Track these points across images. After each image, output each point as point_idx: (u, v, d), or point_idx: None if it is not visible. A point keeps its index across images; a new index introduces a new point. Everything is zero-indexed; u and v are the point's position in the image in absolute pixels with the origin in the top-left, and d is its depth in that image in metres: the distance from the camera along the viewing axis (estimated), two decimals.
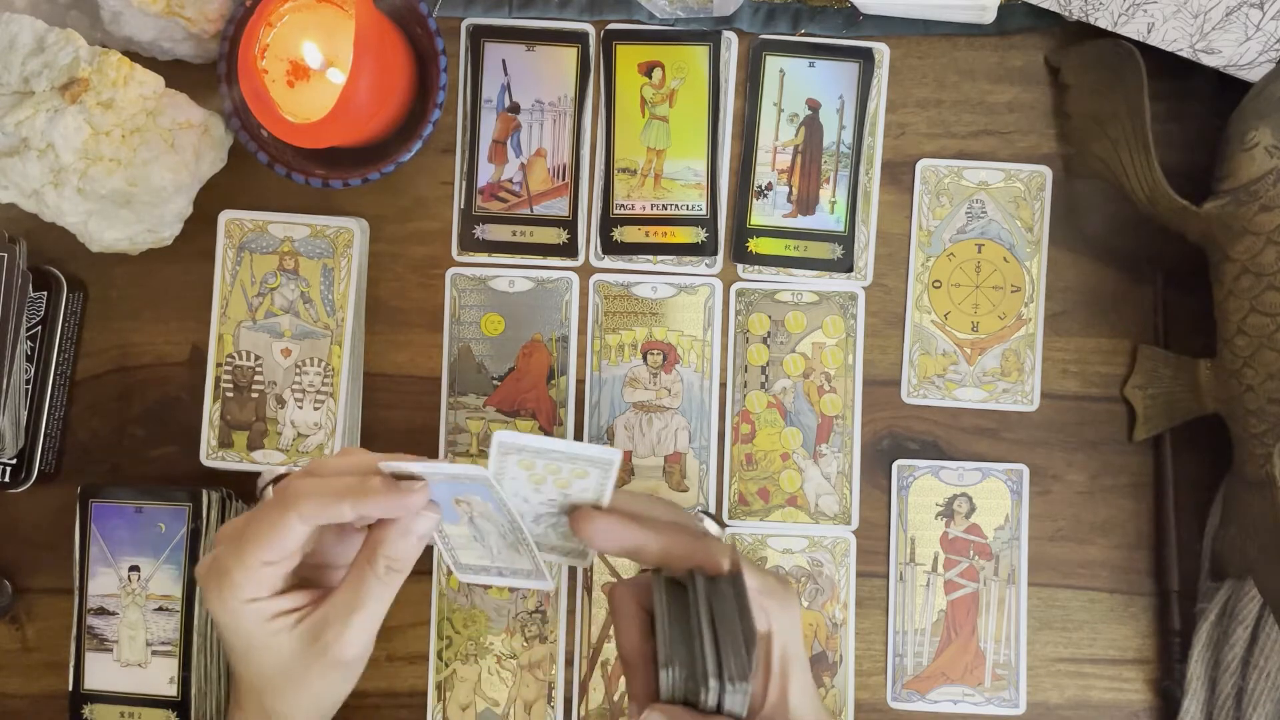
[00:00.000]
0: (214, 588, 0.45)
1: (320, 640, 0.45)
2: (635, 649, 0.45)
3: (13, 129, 0.55)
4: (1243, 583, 0.58)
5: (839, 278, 0.63)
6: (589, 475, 0.44)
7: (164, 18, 0.58)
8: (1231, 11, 0.54)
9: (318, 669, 0.46)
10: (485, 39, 0.63)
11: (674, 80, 0.63)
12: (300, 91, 0.58)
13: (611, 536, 0.45)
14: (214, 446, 0.61)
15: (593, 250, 0.63)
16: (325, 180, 0.60)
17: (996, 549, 0.62)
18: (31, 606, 0.63)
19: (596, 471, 0.44)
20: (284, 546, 0.45)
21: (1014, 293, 0.62)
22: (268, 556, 0.45)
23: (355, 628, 0.45)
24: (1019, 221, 0.62)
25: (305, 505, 0.44)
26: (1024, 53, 0.63)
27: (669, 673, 0.42)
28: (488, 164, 0.63)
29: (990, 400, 0.62)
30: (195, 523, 0.59)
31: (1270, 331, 0.54)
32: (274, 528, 0.44)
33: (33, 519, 0.63)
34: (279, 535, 0.44)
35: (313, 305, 0.62)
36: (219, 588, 0.45)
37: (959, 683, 0.61)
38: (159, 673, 0.59)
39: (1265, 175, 0.54)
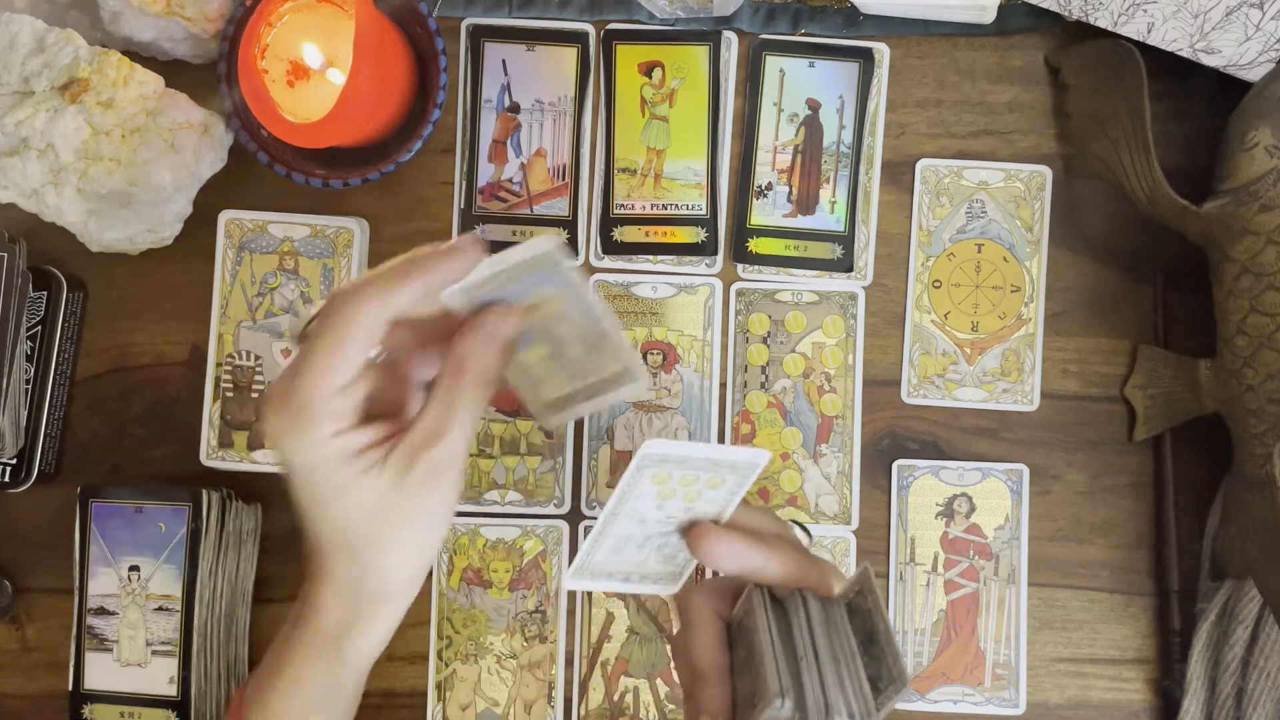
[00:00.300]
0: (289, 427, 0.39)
1: (414, 470, 0.40)
2: (712, 660, 0.41)
3: (13, 129, 0.55)
4: (1243, 583, 0.58)
5: (839, 278, 0.63)
6: (723, 484, 0.41)
7: (164, 18, 0.58)
8: (1231, 11, 0.54)
9: (417, 503, 0.40)
10: (485, 39, 0.63)
11: (674, 80, 0.63)
12: (300, 91, 0.58)
13: (735, 556, 0.41)
14: (214, 446, 0.61)
15: (593, 250, 0.63)
16: (325, 180, 0.60)
17: (996, 549, 0.62)
18: (31, 606, 0.63)
19: (733, 480, 0.41)
20: (355, 356, 0.39)
21: (1014, 293, 0.62)
22: (341, 373, 0.39)
23: (449, 449, 0.40)
24: (1019, 221, 0.63)
25: (368, 293, 0.39)
26: (1024, 53, 0.63)
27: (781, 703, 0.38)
28: (488, 164, 0.63)
29: (990, 400, 0.62)
30: (195, 523, 0.59)
31: (1270, 331, 0.54)
32: (341, 335, 0.39)
33: (33, 519, 0.63)
34: (349, 342, 0.39)
35: (313, 305, 0.62)
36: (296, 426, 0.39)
37: (959, 683, 0.61)
38: (159, 673, 0.59)
39: (1265, 175, 0.54)
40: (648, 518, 0.42)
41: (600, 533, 0.42)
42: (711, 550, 0.41)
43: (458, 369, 0.41)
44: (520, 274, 0.41)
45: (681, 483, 0.41)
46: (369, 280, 0.40)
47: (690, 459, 0.40)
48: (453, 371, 0.41)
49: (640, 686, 0.61)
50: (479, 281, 0.41)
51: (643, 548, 0.43)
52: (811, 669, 0.39)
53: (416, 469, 0.40)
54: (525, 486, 0.62)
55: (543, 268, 0.41)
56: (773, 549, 0.42)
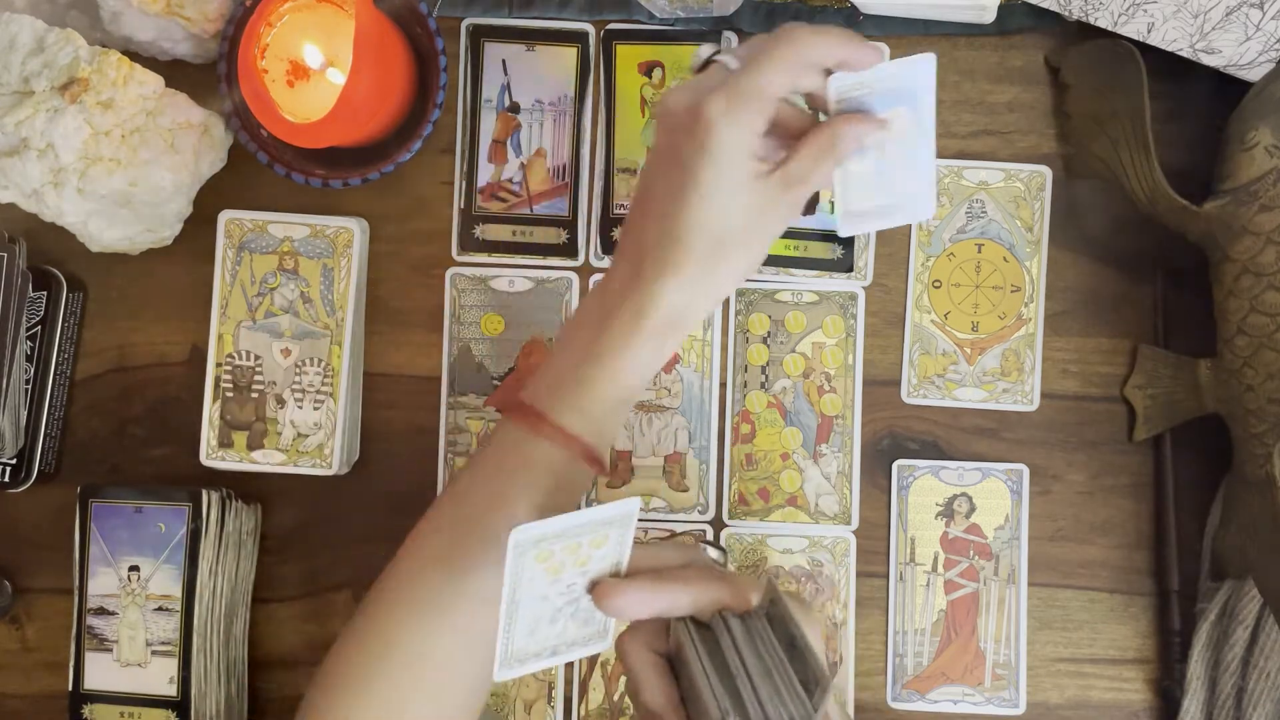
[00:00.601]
0: (731, 109, 0.45)
1: (785, 195, 0.47)
2: (661, 698, 0.42)
3: (13, 129, 0.55)
4: (1243, 583, 0.58)
5: (839, 277, 0.63)
6: (608, 541, 0.42)
7: (164, 18, 0.58)
8: (1231, 11, 0.54)
9: (774, 222, 0.47)
10: (485, 39, 0.63)
11: (674, 80, 0.63)
12: (300, 91, 0.58)
13: (642, 603, 0.42)
14: (214, 446, 0.61)
15: (593, 250, 0.63)
16: (325, 180, 0.60)
17: (996, 549, 0.62)
18: (31, 606, 0.63)
19: (615, 532, 0.41)
20: (796, 75, 0.46)
21: (1014, 293, 0.62)
22: (783, 83, 0.45)
23: (806, 192, 0.47)
24: (1019, 221, 0.62)
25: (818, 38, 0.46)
26: (1024, 53, 0.63)
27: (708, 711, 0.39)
28: (488, 164, 0.63)
29: (990, 400, 0.62)
30: (195, 523, 0.59)
31: (1270, 331, 0.54)
32: (793, 54, 0.45)
33: (33, 519, 0.63)
34: (796, 62, 0.45)
35: (312, 305, 0.62)
36: (738, 109, 0.45)
37: (959, 683, 0.61)
38: (159, 673, 0.59)
39: (1265, 175, 0.54)
40: (548, 594, 0.42)
41: (509, 623, 0.41)
42: (617, 605, 0.42)
43: (830, 142, 0.47)
44: (895, 83, 0.47)
45: (567, 552, 0.41)
46: (819, 30, 0.46)
47: (565, 531, 0.40)
48: (825, 140, 0.47)
49: None
50: (864, 81, 0.47)
51: (555, 621, 0.43)
52: (746, 686, 0.40)
53: (787, 195, 0.47)
54: None
55: (916, 82, 0.47)
56: (678, 581, 0.42)
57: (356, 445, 0.63)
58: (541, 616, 0.42)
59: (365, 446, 0.63)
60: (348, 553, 0.63)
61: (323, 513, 0.63)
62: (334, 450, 0.61)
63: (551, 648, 0.44)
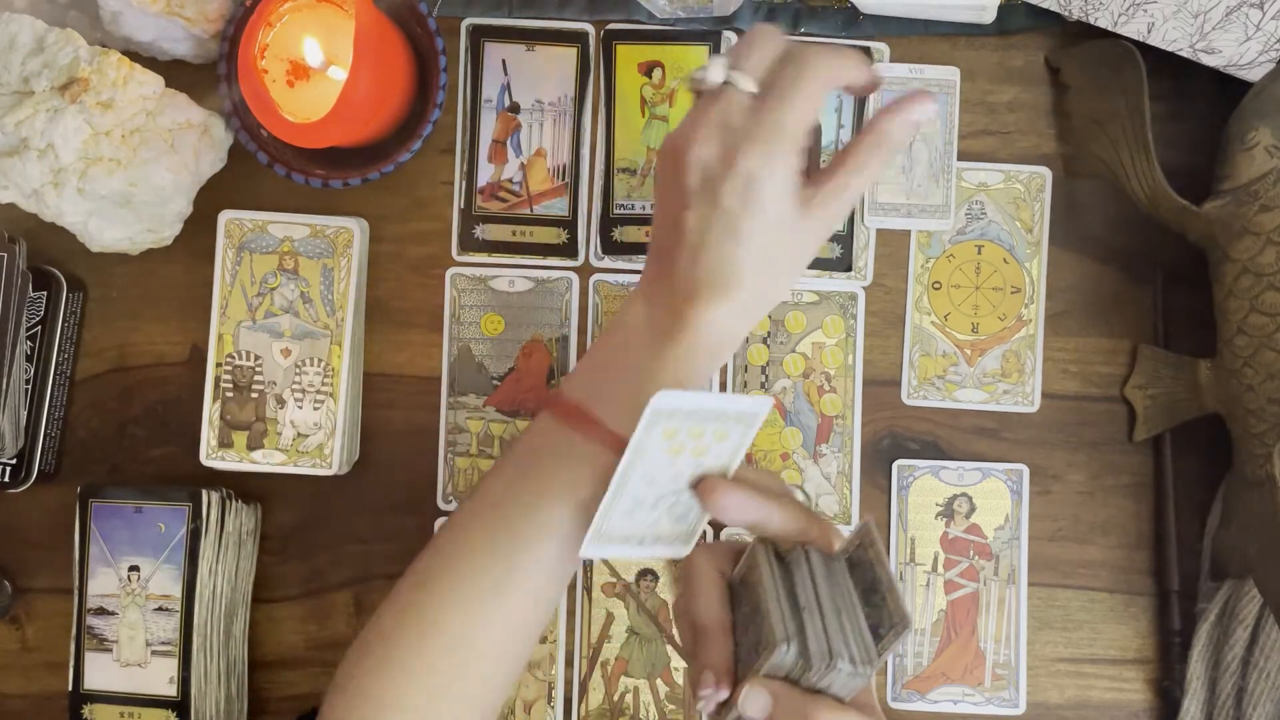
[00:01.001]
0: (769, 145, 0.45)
1: (827, 211, 0.47)
2: (715, 617, 0.44)
3: (13, 129, 0.55)
4: (1243, 583, 0.58)
5: (839, 277, 0.63)
6: (729, 436, 0.43)
7: (164, 18, 0.58)
8: (1231, 11, 0.54)
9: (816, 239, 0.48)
10: (485, 39, 0.63)
11: (674, 80, 0.63)
12: (300, 91, 0.58)
13: (743, 508, 0.44)
14: (214, 446, 0.61)
15: (593, 250, 0.63)
16: (325, 180, 0.60)
17: (996, 549, 0.62)
18: (31, 606, 0.63)
19: (739, 430, 0.43)
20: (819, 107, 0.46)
21: (1014, 294, 0.62)
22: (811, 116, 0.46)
23: (851, 201, 0.48)
24: (1019, 223, 0.62)
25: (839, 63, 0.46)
26: (1024, 53, 0.63)
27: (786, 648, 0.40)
28: (488, 164, 0.63)
29: (991, 401, 0.62)
30: (195, 523, 0.59)
31: (1270, 331, 0.54)
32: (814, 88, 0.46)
33: (32, 519, 0.63)
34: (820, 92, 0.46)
35: (312, 305, 0.62)
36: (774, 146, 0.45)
37: (959, 683, 0.61)
38: (159, 673, 0.59)
39: (1265, 175, 0.54)
40: (658, 477, 0.43)
41: (613, 498, 0.42)
42: (722, 502, 0.43)
43: (878, 141, 0.47)
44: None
45: (690, 435, 0.42)
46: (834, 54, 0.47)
47: (699, 410, 0.41)
48: (872, 141, 0.47)
49: (640, 686, 0.61)
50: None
51: (655, 508, 0.44)
52: (815, 618, 0.41)
53: (828, 211, 0.47)
54: None
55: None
56: (777, 503, 0.44)
57: (356, 445, 0.63)
58: (644, 500, 0.43)
59: (365, 446, 0.63)
60: (348, 553, 0.63)
61: (323, 513, 0.63)
62: (334, 450, 0.61)
63: (640, 537, 0.45)
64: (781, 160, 0.45)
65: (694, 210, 0.46)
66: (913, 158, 0.62)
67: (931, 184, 0.62)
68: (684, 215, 0.47)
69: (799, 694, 0.41)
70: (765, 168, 0.45)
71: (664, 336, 0.47)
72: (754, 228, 0.46)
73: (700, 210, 0.46)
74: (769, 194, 0.45)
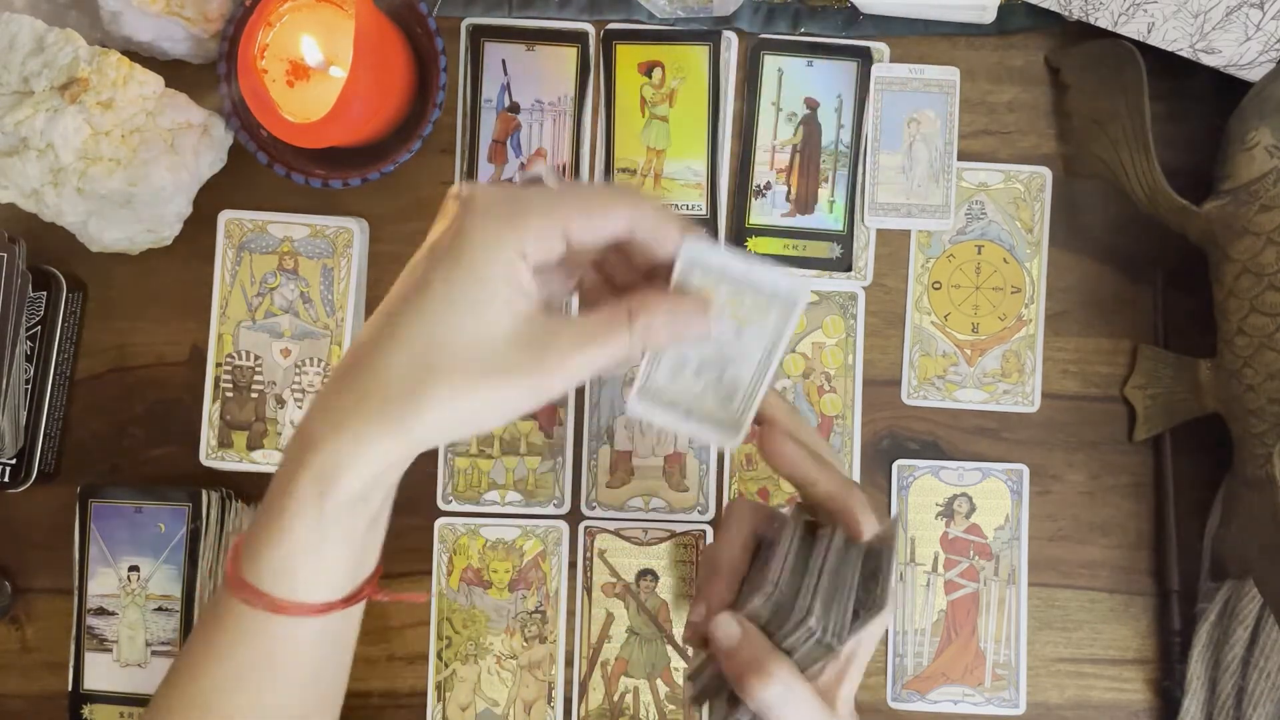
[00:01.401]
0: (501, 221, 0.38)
1: (546, 349, 0.39)
2: (731, 559, 0.46)
3: (13, 129, 0.55)
4: (1243, 583, 0.58)
5: (839, 277, 0.62)
6: (769, 317, 0.42)
7: (164, 18, 0.58)
8: (1231, 11, 0.54)
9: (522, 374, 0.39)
10: (485, 39, 0.63)
11: (674, 80, 0.63)
12: (300, 91, 0.58)
13: (796, 461, 0.45)
14: (214, 446, 0.61)
15: None
16: (325, 180, 0.60)
17: (996, 549, 0.62)
18: (31, 606, 0.63)
19: (778, 313, 0.42)
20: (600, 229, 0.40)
21: (1014, 294, 0.62)
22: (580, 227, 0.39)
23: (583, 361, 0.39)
24: (1019, 223, 0.62)
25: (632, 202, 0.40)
26: (1024, 53, 0.63)
27: (768, 597, 0.42)
28: (488, 164, 0.63)
29: (991, 402, 0.62)
30: (195, 523, 0.59)
31: (1270, 331, 0.54)
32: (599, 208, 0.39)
33: (32, 519, 0.63)
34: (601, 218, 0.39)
35: (312, 305, 0.62)
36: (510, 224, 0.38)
37: (959, 683, 0.61)
38: (159, 673, 0.59)
39: (1265, 175, 0.54)
40: None
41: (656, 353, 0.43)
42: (779, 449, 0.45)
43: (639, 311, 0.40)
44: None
45: (729, 295, 0.42)
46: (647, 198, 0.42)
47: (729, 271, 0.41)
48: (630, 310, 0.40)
49: (640, 686, 0.61)
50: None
51: (699, 376, 0.44)
52: (810, 582, 0.43)
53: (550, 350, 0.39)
54: (525, 487, 0.62)
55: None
56: (826, 471, 0.46)
57: None
58: (687, 362, 0.43)
59: None
60: None
61: None
62: None
63: (686, 407, 0.44)
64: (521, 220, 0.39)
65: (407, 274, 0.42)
66: (913, 158, 0.62)
67: (931, 184, 0.62)
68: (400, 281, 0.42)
69: (765, 642, 0.43)
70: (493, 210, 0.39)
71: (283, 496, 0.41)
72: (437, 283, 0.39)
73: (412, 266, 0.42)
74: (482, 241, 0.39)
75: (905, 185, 0.62)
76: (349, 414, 0.39)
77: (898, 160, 0.62)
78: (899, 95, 0.62)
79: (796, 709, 0.42)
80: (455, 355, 0.38)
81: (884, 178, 0.62)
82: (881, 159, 0.61)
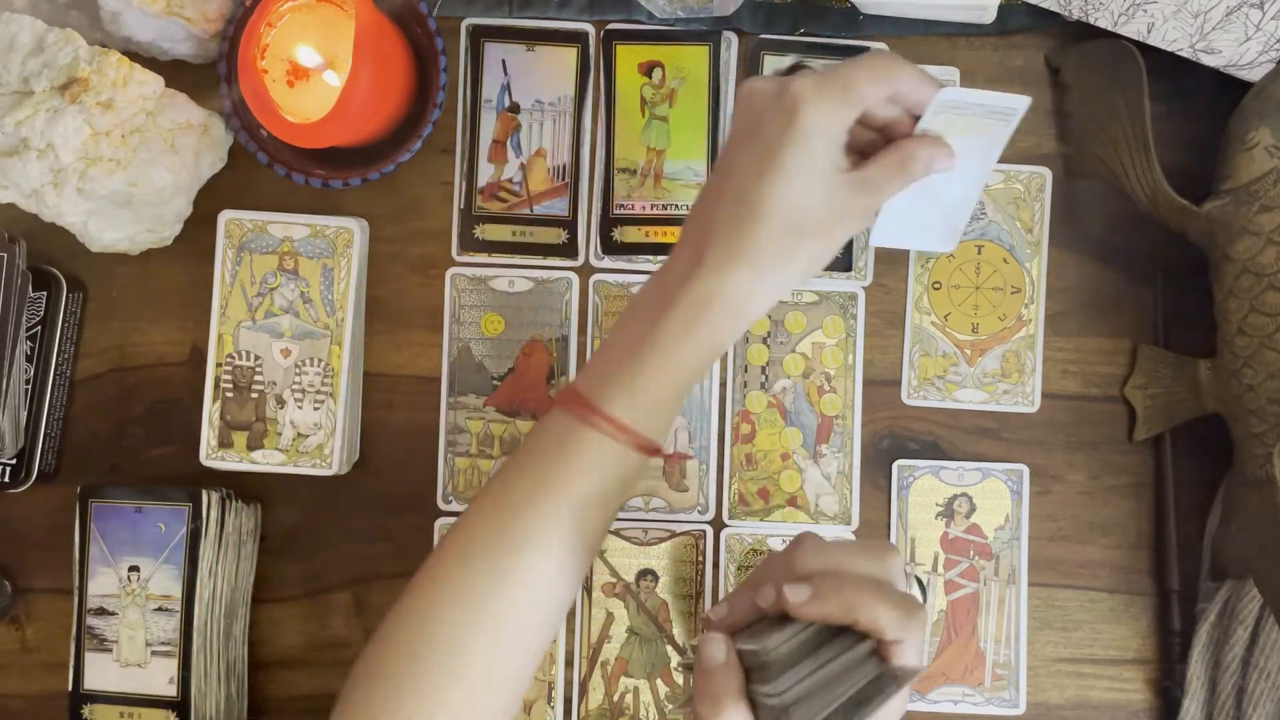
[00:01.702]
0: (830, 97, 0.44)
1: (863, 196, 0.46)
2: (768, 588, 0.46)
3: (13, 129, 0.55)
4: (1243, 583, 0.58)
5: (839, 277, 0.63)
6: (991, 130, 0.49)
7: (164, 18, 0.58)
8: (1231, 11, 0.54)
9: (850, 219, 0.46)
10: (485, 39, 0.63)
11: (674, 80, 0.63)
12: (300, 91, 0.58)
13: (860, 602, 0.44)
14: (214, 446, 0.61)
15: (593, 250, 0.63)
16: (325, 180, 0.60)
17: (996, 549, 0.62)
18: (31, 606, 0.63)
19: (999, 126, 0.49)
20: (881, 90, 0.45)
21: (1014, 294, 0.62)
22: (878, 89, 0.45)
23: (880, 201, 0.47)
24: (1019, 223, 0.62)
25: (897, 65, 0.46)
26: (1024, 53, 0.63)
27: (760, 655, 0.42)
28: (487, 164, 0.63)
29: (991, 402, 0.62)
30: (195, 523, 0.59)
31: (1270, 331, 0.54)
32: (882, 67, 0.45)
33: (32, 519, 0.63)
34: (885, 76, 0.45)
35: (312, 305, 0.62)
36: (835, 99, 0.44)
37: (959, 683, 0.61)
38: (159, 673, 0.59)
39: (1265, 175, 0.54)
40: None
41: None
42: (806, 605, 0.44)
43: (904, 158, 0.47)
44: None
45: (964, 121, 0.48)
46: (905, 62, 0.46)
47: (974, 104, 0.47)
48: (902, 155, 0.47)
49: (640, 686, 0.61)
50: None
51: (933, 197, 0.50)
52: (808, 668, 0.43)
53: (861, 199, 0.46)
54: None
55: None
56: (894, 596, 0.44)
57: (356, 445, 0.63)
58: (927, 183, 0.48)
59: (365, 446, 0.63)
60: (348, 553, 0.63)
61: (323, 513, 0.63)
62: (334, 450, 0.61)
63: (913, 225, 0.52)
64: (834, 102, 0.44)
65: (734, 142, 0.46)
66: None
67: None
68: (723, 153, 0.47)
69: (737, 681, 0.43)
70: (816, 99, 0.44)
71: (668, 303, 0.46)
72: (789, 163, 0.44)
73: (740, 141, 0.46)
74: (814, 128, 0.44)
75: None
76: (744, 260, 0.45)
77: None
78: None
79: None
80: (815, 219, 0.45)
81: None
82: None
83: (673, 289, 0.46)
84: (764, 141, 0.45)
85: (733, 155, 0.46)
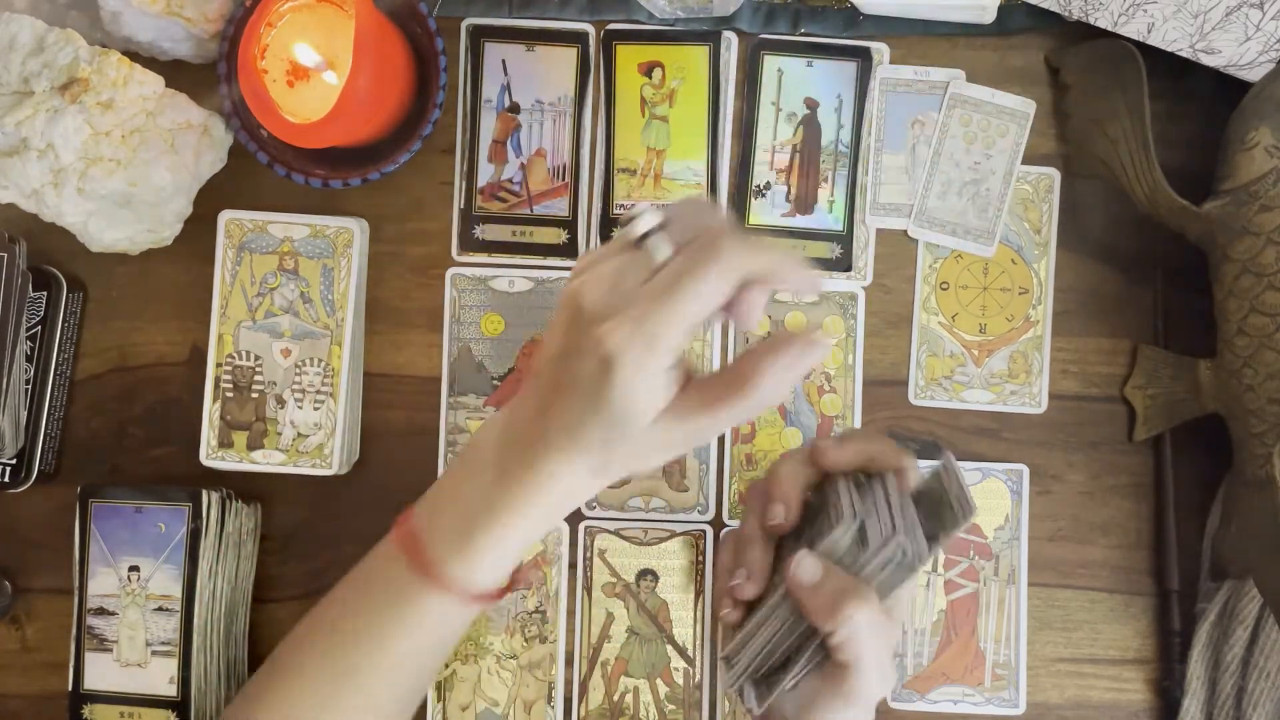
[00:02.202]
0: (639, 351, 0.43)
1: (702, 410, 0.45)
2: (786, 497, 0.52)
3: (13, 129, 0.55)
4: (1243, 583, 0.58)
5: (839, 277, 0.63)
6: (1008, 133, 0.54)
7: (164, 18, 0.58)
8: (1231, 11, 0.54)
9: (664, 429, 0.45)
10: (485, 39, 0.63)
11: (674, 80, 0.63)
12: (300, 91, 0.58)
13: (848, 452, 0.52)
14: (214, 446, 0.61)
15: None
16: (325, 180, 0.60)
17: (996, 549, 0.62)
18: (31, 606, 0.63)
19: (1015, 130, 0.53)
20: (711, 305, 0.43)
21: (1022, 295, 0.62)
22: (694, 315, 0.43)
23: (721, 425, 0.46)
24: (1027, 223, 0.62)
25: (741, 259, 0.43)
26: (1024, 53, 0.63)
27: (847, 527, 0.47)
28: (488, 164, 0.63)
29: (998, 402, 0.62)
30: (195, 523, 0.59)
31: (1270, 331, 0.54)
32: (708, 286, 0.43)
33: (32, 519, 0.63)
34: (712, 293, 0.43)
35: (313, 305, 0.62)
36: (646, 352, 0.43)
37: (959, 683, 0.61)
38: (159, 673, 0.59)
39: (1265, 175, 0.54)
40: (960, 160, 0.54)
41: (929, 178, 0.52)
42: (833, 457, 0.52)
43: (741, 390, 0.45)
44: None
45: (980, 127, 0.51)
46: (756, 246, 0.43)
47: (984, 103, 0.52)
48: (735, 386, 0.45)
49: (640, 686, 0.61)
50: None
51: (960, 195, 0.54)
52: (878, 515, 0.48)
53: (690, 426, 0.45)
54: None
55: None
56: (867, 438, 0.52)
57: (356, 445, 0.63)
58: (953, 182, 0.51)
59: (365, 446, 0.63)
60: (348, 553, 0.63)
61: (323, 513, 0.63)
62: (334, 450, 0.61)
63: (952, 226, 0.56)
64: (651, 360, 0.43)
65: (562, 361, 0.45)
66: (915, 159, 0.62)
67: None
68: (557, 359, 0.45)
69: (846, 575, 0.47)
70: (626, 355, 0.43)
71: (508, 476, 0.46)
72: (610, 402, 0.43)
73: (567, 363, 0.45)
74: (622, 380, 0.43)
75: (907, 187, 0.62)
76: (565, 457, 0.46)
77: (900, 161, 0.62)
78: (903, 96, 0.62)
79: (882, 636, 0.47)
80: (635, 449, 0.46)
81: (887, 178, 0.62)
82: (884, 159, 0.61)
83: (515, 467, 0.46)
84: (582, 380, 0.44)
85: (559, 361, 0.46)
